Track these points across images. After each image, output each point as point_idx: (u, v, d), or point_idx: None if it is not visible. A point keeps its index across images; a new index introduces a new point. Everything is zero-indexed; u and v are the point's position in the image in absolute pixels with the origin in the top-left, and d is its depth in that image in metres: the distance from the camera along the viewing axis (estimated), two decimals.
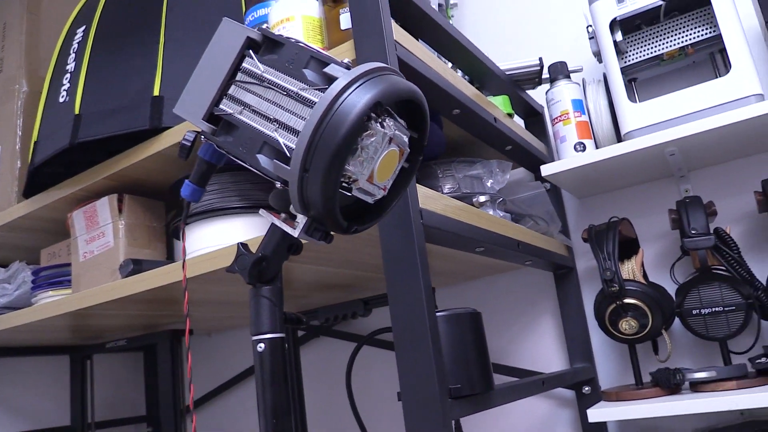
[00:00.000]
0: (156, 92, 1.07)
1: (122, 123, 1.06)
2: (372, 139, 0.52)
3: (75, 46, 1.21)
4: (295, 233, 0.55)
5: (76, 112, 1.10)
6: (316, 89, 0.52)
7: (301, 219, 0.54)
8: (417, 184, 0.78)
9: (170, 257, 1.26)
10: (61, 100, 1.16)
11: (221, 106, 0.57)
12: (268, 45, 0.57)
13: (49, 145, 1.13)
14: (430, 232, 0.79)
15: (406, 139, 0.56)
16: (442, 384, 0.70)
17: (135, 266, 1.07)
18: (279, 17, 0.98)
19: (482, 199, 1.02)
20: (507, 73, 1.26)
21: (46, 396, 1.76)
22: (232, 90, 0.57)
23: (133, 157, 1.09)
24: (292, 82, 0.54)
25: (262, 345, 0.56)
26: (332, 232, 0.56)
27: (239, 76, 0.57)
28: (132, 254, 1.14)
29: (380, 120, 0.52)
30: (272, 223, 0.58)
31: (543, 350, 1.38)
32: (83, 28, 1.22)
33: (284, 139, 0.53)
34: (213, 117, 0.58)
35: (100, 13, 1.19)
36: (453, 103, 0.97)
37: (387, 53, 0.78)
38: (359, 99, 0.50)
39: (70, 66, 1.19)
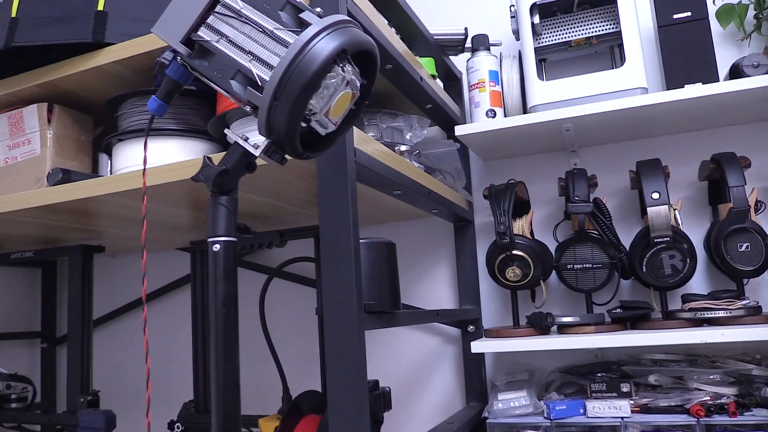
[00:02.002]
0: (100, 7, 1.08)
1: (63, 32, 1.07)
2: (333, 80, 0.61)
3: None
4: (256, 153, 0.64)
5: (13, 14, 1.09)
6: (290, 30, 0.61)
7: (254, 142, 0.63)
8: (353, 127, 0.88)
9: (95, 171, 1.28)
10: None
11: (200, 32, 0.64)
12: None
13: None
14: (360, 170, 0.90)
15: (358, 84, 0.66)
16: (359, 300, 0.81)
17: (64, 175, 1.09)
18: None
19: (403, 148, 1.14)
20: (435, 37, 1.37)
21: None
22: (211, 20, 0.64)
23: (70, 68, 1.10)
24: (267, 20, 0.62)
25: (218, 246, 0.65)
26: (287, 156, 0.65)
27: (218, 8, 0.64)
28: (59, 164, 1.16)
29: (342, 65, 0.62)
30: (235, 141, 0.66)
31: (437, 292, 1.54)
32: None
33: (257, 70, 0.61)
34: (189, 41, 0.65)
35: None
36: (387, 59, 1.07)
37: (339, 6, 0.86)
38: (328, 45, 0.59)
39: None
